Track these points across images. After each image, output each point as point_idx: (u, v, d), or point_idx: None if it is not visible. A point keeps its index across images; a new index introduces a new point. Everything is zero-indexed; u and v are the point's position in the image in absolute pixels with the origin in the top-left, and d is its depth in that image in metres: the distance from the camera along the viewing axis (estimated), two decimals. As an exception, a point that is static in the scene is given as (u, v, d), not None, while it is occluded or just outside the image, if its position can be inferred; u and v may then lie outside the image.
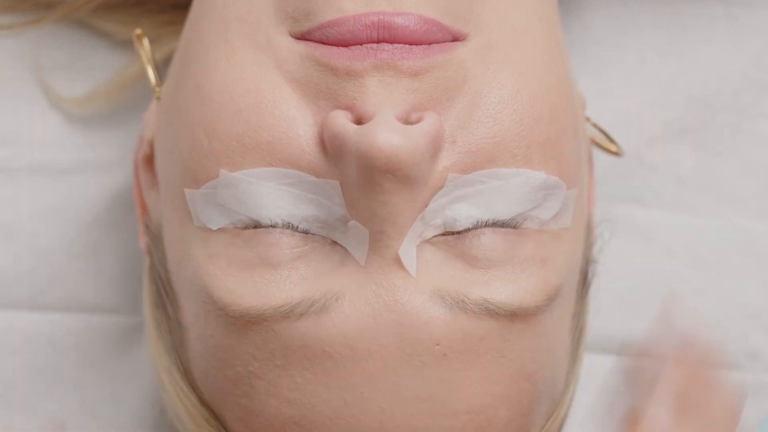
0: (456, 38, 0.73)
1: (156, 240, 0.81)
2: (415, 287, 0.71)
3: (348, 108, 0.71)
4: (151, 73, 0.84)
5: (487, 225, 0.73)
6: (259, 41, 0.74)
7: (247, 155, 0.72)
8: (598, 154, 0.93)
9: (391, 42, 0.71)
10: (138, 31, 0.85)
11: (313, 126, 0.72)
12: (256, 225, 0.72)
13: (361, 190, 0.70)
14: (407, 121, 0.71)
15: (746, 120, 1.00)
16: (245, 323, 0.72)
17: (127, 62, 0.97)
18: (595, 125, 0.90)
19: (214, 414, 0.77)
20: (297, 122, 0.72)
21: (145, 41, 0.85)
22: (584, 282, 0.82)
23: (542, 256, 0.74)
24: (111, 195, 0.98)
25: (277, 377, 0.72)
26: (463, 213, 0.72)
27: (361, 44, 0.72)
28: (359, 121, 0.71)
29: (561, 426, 0.81)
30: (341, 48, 0.72)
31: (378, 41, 0.71)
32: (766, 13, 0.99)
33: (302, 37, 0.73)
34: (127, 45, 0.96)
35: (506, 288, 0.72)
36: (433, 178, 0.71)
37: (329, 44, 0.72)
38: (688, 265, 1.00)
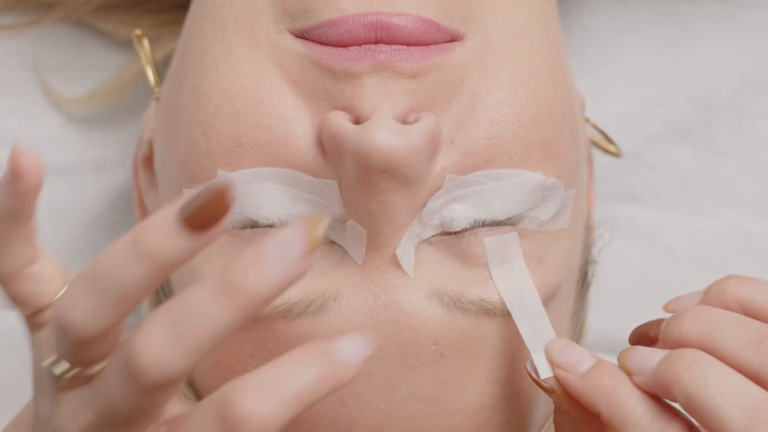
0: (454, 38, 0.73)
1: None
2: (413, 287, 0.71)
3: (346, 109, 0.71)
4: (150, 73, 0.84)
5: (484, 225, 0.72)
6: (258, 41, 0.74)
7: (245, 155, 0.72)
8: (597, 154, 0.93)
9: (389, 43, 0.71)
10: (138, 31, 0.85)
11: (311, 126, 0.72)
12: (254, 225, 0.72)
13: (359, 190, 0.70)
14: (405, 122, 0.71)
15: (746, 120, 1.00)
16: (243, 323, 0.72)
17: (127, 62, 0.97)
18: (594, 126, 0.89)
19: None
20: (295, 122, 0.72)
21: (145, 41, 0.85)
22: (583, 282, 0.82)
23: (540, 255, 0.74)
24: (111, 195, 0.98)
25: (274, 377, 0.72)
26: (461, 213, 0.72)
27: (359, 45, 0.72)
28: (357, 122, 0.71)
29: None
30: (339, 49, 0.72)
31: (376, 42, 0.71)
32: (766, 13, 0.99)
33: (301, 35, 0.73)
34: (127, 45, 0.96)
35: (504, 287, 0.72)
36: (431, 179, 0.71)
37: (328, 44, 0.72)
38: (688, 265, 1.00)
